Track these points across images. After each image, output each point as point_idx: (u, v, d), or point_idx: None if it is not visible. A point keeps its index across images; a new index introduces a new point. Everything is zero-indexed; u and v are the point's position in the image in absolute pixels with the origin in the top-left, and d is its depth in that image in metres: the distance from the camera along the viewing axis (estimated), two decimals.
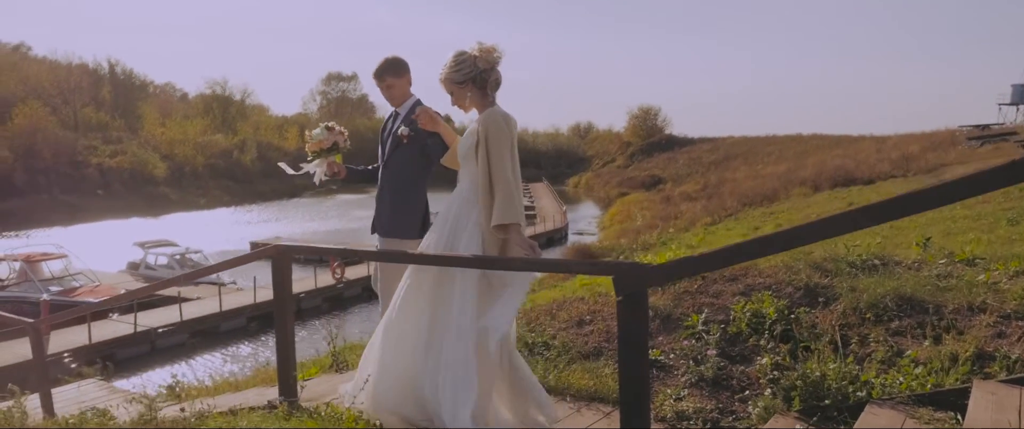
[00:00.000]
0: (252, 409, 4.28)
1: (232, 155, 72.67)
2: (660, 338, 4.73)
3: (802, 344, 4.01)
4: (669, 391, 3.98)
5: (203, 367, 18.82)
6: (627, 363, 2.86)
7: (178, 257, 27.26)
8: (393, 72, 4.12)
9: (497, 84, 3.46)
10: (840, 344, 3.85)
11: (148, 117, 76.14)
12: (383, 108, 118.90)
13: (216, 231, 43.74)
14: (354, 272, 28.04)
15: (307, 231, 46.39)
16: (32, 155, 54.56)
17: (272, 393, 4.56)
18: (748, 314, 4.47)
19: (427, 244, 3.62)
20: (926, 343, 3.71)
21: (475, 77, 3.41)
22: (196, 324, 21.01)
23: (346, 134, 4.31)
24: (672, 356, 4.40)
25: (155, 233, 36.48)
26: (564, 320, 5.56)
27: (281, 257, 4.06)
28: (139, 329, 19.49)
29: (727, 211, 36.35)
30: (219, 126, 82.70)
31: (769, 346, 3.94)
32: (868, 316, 4.21)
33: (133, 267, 28.10)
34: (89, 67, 77.16)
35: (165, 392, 8.15)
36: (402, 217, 4.22)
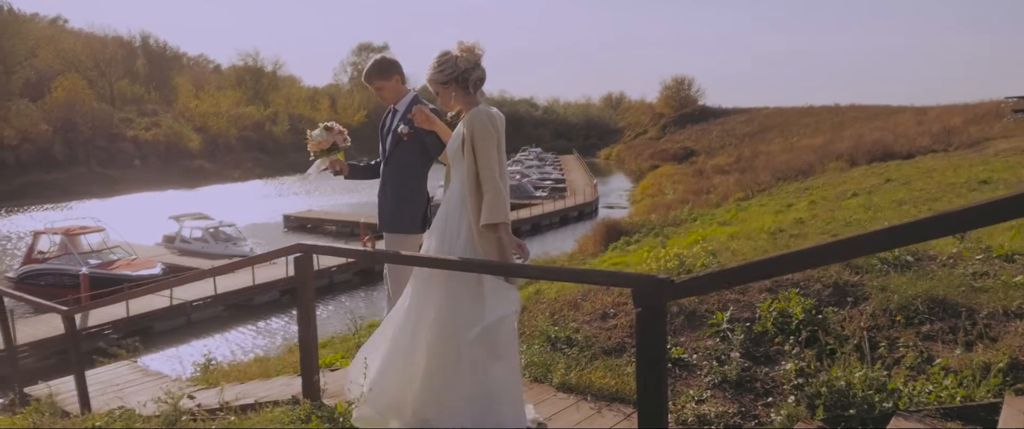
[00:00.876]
0: (276, 404, 4.33)
1: (264, 127, 73.38)
2: (684, 335, 4.67)
3: (829, 347, 3.93)
4: (691, 392, 3.93)
5: (237, 341, 19.22)
6: (645, 376, 2.82)
7: (211, 230, 27.68)
8: (379, 75, 4.21)
9: (479, 82, 3.47)
10: (867, 350, 3.76)
11: (182, 89, 77.07)
12: (415, 80, 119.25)
13: (250, 204, 44.37)
14: None
15: (339, 204, 46.79)
16: (70, 128, 55.62)
17: (299, 383, 4.60)
18: (774, 313, 4.39)
19: (428, 248, 3.63)
20: (958, 351, 3.60)
21: (457, 76, 3.44)
22: (230, 297, 21.39)
23: (345, 133, 4.38)
24: (696, 355, 4.35)
25: (191, 205, 37.09)
26: (588, 312, 5.52)
27: (304, 258, 4.06)
28: (175, 302, 19.92)
29: (760, 186, 35.85)
30: (251, 98, 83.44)
31: (794, 351, 3.87)
32: (898, 319, 4.10)
33: (169, 240, 28.64)
34: (123, 40, 78.22)
35: (198, 372, 8.35)
36: (404, 213, 4.26)
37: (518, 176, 49.96)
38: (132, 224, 30.68)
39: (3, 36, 58.54)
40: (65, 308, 5.75)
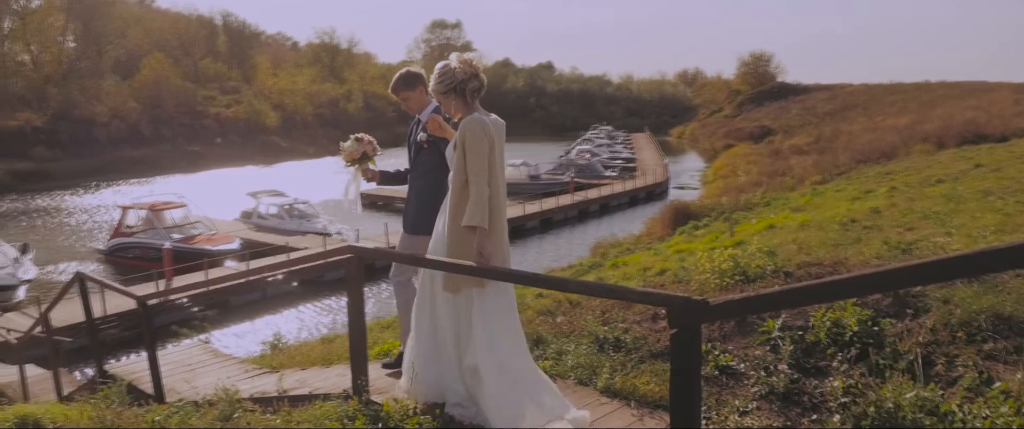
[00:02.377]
0: (327, 397, 4.47)
1: (339, 104, 74.98)
2: (734, 342, 4.59)
3: (882, 363, 3.79)
4: (736, 403, 3.86)
5: (308, 316, 19.85)
6: (678, 396, 2.79)
7: (286, 207, 28.55)
8: (405, 86, 4.44)
9: (476, 92, 3.72)
10: (921, 368, 3.61)
11: (261, 67, 79.32)
12: (487, 55, 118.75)
13: (323, 180, 45.49)
14: None
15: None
16: (157, 106, 58.09)
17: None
18: (828, 323, 4.26)
19: (433, 248, 3.95)
20: (1020, 375, 3.42)
21: (455, 87, 3.69)
22: (303, 273, 22.07)
23: (374, 143, 4.67)
24: (744, 364, 4.27)
25: (268, 181, 38.33)
26: (639, 312, 5.47)
27: (353, 260, 4.16)
28: (251, 277, 20.70)
29: (839, 169, 34.61)
30: (327, 75, 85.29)
31: (843, 367, 3.75)
32: (959, 334, 3.92)
33: (246, 216, 29.68)
34: (206, 19, 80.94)
35: (268, 350, 8.67)
36: (424, 216, 4.43)
37: (587, 155, 49.59)
38: (213, 199, 31.96)
39: (95, 17, 61.34)
40: (138, 295, 6.03)
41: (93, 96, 54.63)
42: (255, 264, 21.29)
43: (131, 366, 7.20)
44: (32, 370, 9.66)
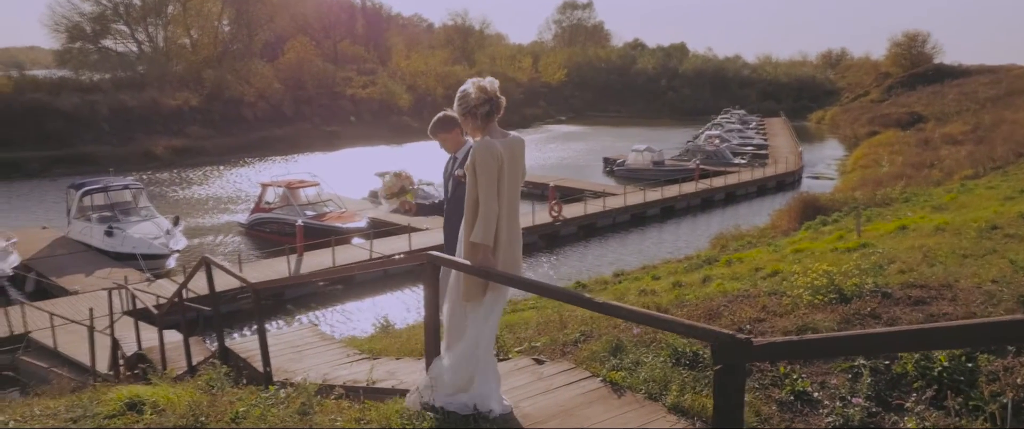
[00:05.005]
0: (404, 394, 4.67)
1: None
2: (814, 365, 4.39)
3: (972, 403, 3.53)
4: None
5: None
6: None
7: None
8: (442, 129, 4.78)
9: (487, 116, 4.01)
10: (1009, 415, 3.33)
11: (396, 49, 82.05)
12: (618, 36, 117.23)
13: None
14: (571, 210, 28.67)
15: (534, 164, 47.94)
16: (299, 87, 61.46)
17: None
18: (916, 354, 4.00)
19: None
20: None
21: (469, 111, 4.01)
22: (420, 256, 22.77)
23: (412, 178, 5.23)
24: (821, 391, 4.08)
25: (397, 161, 39.82)
26: (725, 326, 5.34)
27: (430, 268, 4.31)
28: (374, 256, 21.65)
29: (995, 162, 31.87)
30: (458, 57, 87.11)
31: (918, 408, 3.52)
32: None
33: (373, 195, 31.00)
34: (346, 1, 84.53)
35: (379, 331, 9.08)
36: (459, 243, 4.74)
37: (716, 141, 48.06)
38: (345, 178, 33.59)
39: (248, 3, 65.53)
40: (250, 282, 6.50)
41: (243, 78, 58.50)
42: (378, 244, 22.24)
43: (247, 343, 7.79)
44: (173, 335, 10.65)
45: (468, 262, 4.05)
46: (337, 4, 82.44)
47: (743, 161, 44.56)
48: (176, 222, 23.76)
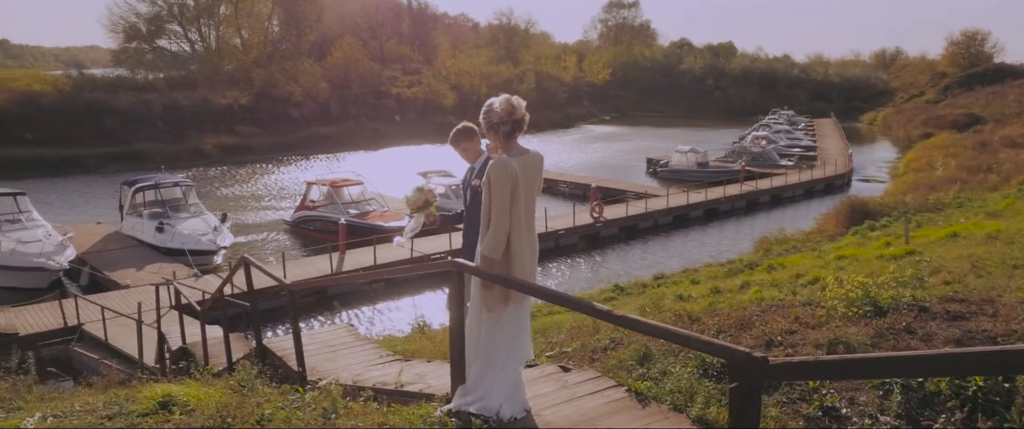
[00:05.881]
0: (429, 399, 4.71)
1: (512, 85, 76.43)
2: (843, 380, 4.30)
3: (1007, 425, 3.42)
4: None
5: None
6: None
7: (454, 187, 29.71)
8: (463, 138, 4.93)
9: (508, 134, 4.14)
10: None
11: (441, 48, 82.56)
12: (664, 35, 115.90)
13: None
14: (612, 211, 28.52)
15: (577, 163, 47.79)
16: (345, 86, 62.28)
17: None
18: None
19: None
20: None
21: (492, 126, 4.16)
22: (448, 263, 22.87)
23: (434, 192, 5.33)
24: (850, 408, 3.99)
25: (441, 160, 40.01)
26: (756, 336, 5.27)
27: (456, 275, 4.33)
28: (414, 255, 21.83)
29: None
30: (503, 56, 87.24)
31: None
32: None
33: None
34: (393, 1, 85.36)
35: (415, 331, 9.15)
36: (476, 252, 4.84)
37: (763, 142, 47.25)
38: (388, 177, 33.94)
39: (297, 3, 66.67)
40: (287, 282, 6.62)
41: (291, 77, 59.54)
42: (420, 243, 22.41)
43: (284, 342, 7.93)
44: (216, 330, 10.90)
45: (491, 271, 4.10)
46: (384, 4, 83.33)
47: (790, 163, 43.74)
48: (224, 219, 24.31)
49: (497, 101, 4.17)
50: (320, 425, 3.79)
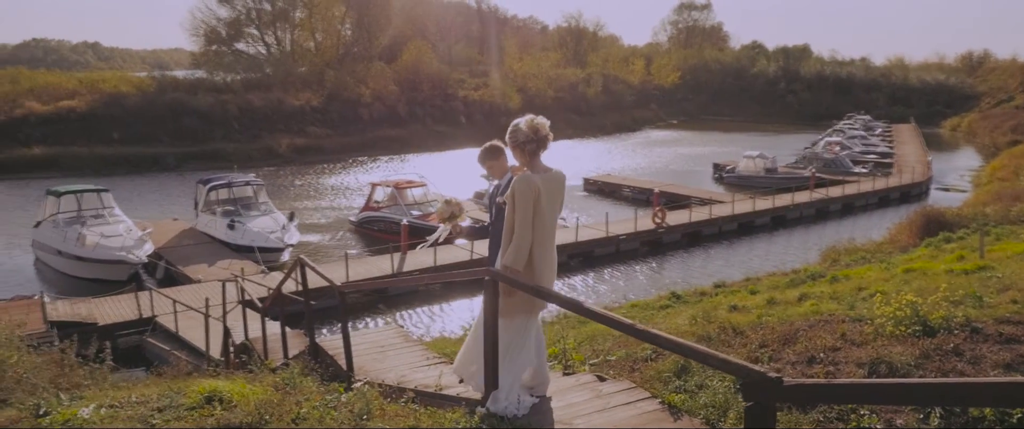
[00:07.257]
0: (468, 402, 4.78)
1: (578, 88, 76.28)
2: (859, 405, 4.17)
3: None
4: None
5: None
6: None
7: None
8: (490, 156, 5.13)
9: (533, 152, 4.45)
10: None
11: (509, 51, 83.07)
12: (735, 38, 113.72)
13: (555, 163, 46.76)
14: (675, 217, 28.14)
15: (639, 168, 47.35)
16: (414, 88, 63.27)
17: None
18: None
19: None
20: None
21: (518, 144, 4.47)
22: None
23: (462, 204, 5.58)
24: None
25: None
26: (799, 352, 5.16)
27: (490, 283, 4.41)
28: (474, 257, 22.01)
29: None
30: (571, 59, 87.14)
31: None
32: None
33: (478, 196, 31.48)
34: (463, 4, 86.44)
35: (462, 335, 9.26)
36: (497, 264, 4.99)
37: (836, 148, 45.81)
38: (453, 178, 34.35)
39: (369, 7, 68.15)
40: (338, 283, 6.83)
41: (361, 79, 60.84)
42: (478, 246, 22.59)
43: (337, 340, 8.15)
44: (276, 327, 11.28)
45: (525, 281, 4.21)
46: (453, 7, 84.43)
47: (864, 170, 42.28)
48: (291, 217, 25.05)
49: (523, 121, 4.46)
50: (351, 426, 3.91)
